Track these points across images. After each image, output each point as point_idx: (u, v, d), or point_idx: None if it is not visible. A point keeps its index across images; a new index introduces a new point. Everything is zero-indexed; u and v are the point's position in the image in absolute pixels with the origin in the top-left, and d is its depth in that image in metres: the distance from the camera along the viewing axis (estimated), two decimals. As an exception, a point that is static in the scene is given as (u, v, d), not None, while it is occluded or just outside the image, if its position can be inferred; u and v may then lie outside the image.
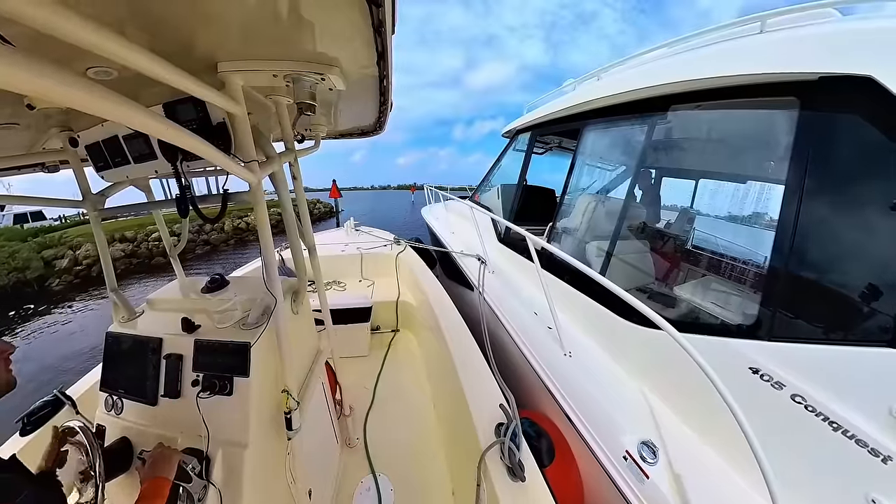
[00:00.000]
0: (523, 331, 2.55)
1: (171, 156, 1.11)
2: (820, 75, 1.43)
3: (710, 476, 1.47)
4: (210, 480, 1.12)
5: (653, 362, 1.91)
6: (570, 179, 3.16)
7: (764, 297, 1.55)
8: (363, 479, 2.03)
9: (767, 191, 1.99)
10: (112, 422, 1.33)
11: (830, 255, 1.44)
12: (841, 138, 1.44)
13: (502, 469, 1.41)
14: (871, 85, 1.26)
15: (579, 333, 2.37)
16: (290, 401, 1.27)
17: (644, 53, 2.74)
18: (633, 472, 1.53)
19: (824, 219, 1.44)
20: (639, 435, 1.63)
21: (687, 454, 1.55)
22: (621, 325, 2.05)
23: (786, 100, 1.58)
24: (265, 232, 1.23)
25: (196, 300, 1.51)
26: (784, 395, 1.33)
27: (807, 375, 1.31)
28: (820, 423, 1.24)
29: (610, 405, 1.84)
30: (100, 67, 0.83)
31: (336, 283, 4.18)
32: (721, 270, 2.08)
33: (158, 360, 1.29)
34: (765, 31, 1.79)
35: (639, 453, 1.55)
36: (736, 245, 2.22)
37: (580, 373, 2.07)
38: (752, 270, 1.81)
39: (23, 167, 1.53)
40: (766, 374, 1.39)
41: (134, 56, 0.60)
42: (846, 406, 1.20)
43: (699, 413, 1.63)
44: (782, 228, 1.51)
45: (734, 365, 1.47)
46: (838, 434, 1.20)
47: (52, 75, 0.45)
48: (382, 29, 0.81)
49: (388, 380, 2.98)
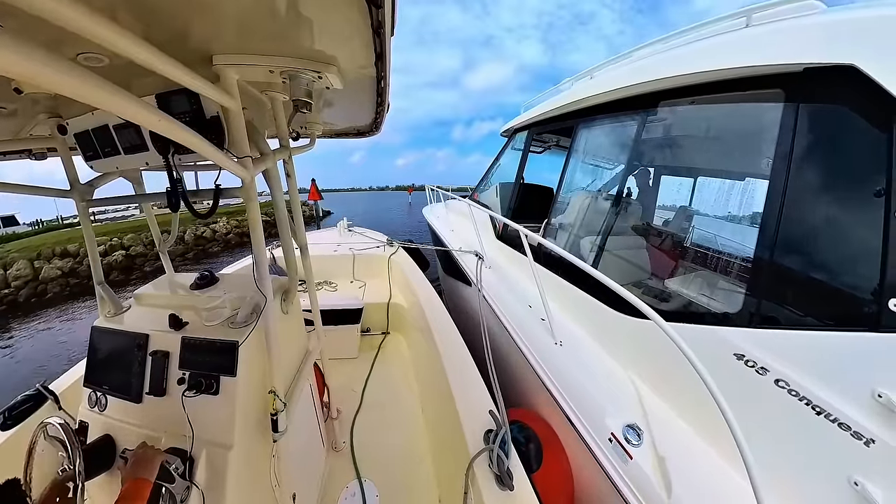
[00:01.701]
0: (517, 322, 2.59)
1: (162, 148, 1.08)
2: (804, 66, 1.46)
3: (692, 457, 1.50)
4: (193, 481, 1.10)
5: (642, 351, 1.94)
6: (564, 177, 3.22)
7: (749, 285, 1.59)
8: (349, 485, 2.00)
9: (754, 183, 2.02)
10: (95, 418, 1.30)
11: (814, 243, 1.47)
12: (826, 128, 1.46)
13: (490, 477, 1.40)
14: (855, 74, 1.29)
15: (571, 324, 2.42)
16: (276, 402, 1.25)
17: (635, 51, 2.77)
18: (618, 454, 1.57)
19: (808, 208, 1.47)
20: (625, 419, 1.67)
21: (671, 437, 1.58)
22: (612, 316, 2.09)
23: (771, 92, 1.61)
24: (257, 229, 1.22)
25: (184, 296, 1.48)
26: (768, 380, 1.36)
27: (790, 361, 1.34)
28: (803, 408, 1.26)
29: (598, 392, 1.87)
30: (91, 54, 0.80)
31: (327, 284, 4.15)
32: (709, 262, 2.12)
33: (144, 357, 1.27)
34: (751, 24, 1.81)
35: (623, 435, 1.59)
36: (723, 237, 2.26)
37: (570, 361, 2.11)
38: (738, 261, 1.84)
39: (8, 153, 1.50)
40: (751, 360, 1.42)
41: (126, 43, 0.58)
42: (829, 390, 1.22)
43: (685, 398, 1.67)
44: (767, 218, 1.54)
45: (720, 352, 1.51)
46: (821, 418, 1.22)
47: (41, 59, 0.43)
48: (382, 30, 0.80)
49: (376, 383, 2.96)
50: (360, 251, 4.56)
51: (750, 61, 1.66)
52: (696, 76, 1.91)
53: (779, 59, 1.55)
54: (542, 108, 3.83)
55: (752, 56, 1.66)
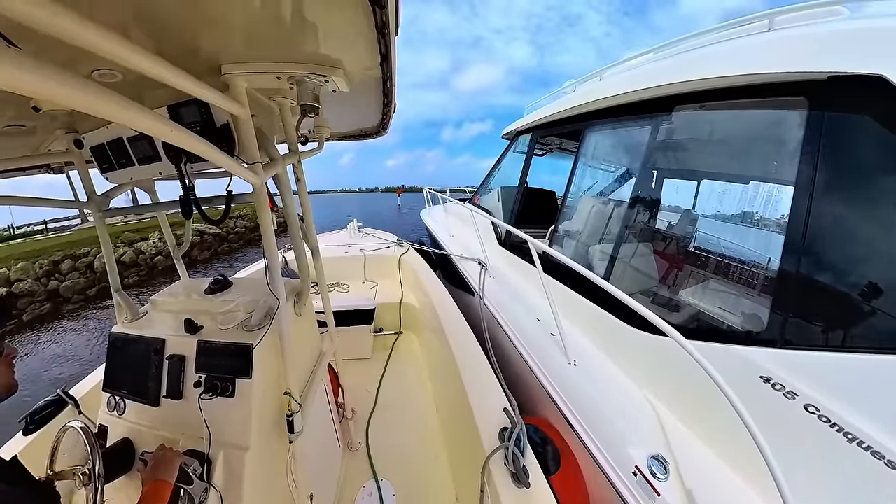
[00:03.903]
0: (526, 338, 2.49)
1: (175, 157, 1.11)
2: (830, 75, 1.41)
3: (723, 492, 1.42)
4: (211, 483, 1.12)
5: (661, 371, 1.84)
6: (571, 182, 3.11)
7: (775, 302, 1.50)
8: (365, 484, 2.02)
9: (776, 192, 1.94)
10: (114, 422, 1.33)
11: (842, 257, 1.41)
12: (852, 139, 1.41)
13: (506, 475, 1.40)
14: (883, 84, 1.24)
15: (584, 341, 2.30)
16: (292, 403, 1.27)
17: (647, 53, 2.70)
18: (644, 489, 1.47)
19: (835, 221, 1.41)
20: (648, 449, 1.57)
21: (699, 469, 1.49)
22: (628, 332, 1.99)
23: (794, 100, 1.56)
24: (269, 234, 1.24)
25: (199, 301, 1.51)
26: (797, 406, 1.28)
27: (820, 384, 1.26)
28: (835, 435, 1.19)
29: (618, 417, 1.77)
30: (105, 70, 0.83)
31: (339, 285, 4.18)
32: (730, 274, 2.02)
33: (161, 361, 1.30)
34: (773, 29, 1.75)
35: (649, 468, 1.48)
36: (744, 248, 2.17)
37: (586, 383, 2.00)
38: (761, 274, 1.76)
39: (28, 168, 1.54)
40: (779, 384, 1.35)
41: (138, 59, 0.60)
42: (862, 416, 1.15)
43: (710, 424, 1.58)
44: (792, 231, 1.47)
45: (745, 373, 1.43)
46: (853, 445, 1.15)
47: (57, 78, 0.45)
48: (386, 31, 0.81)
49: (390, 383, 2.97)
50: (371, 252, 4.58)
51: (772, 67, 1.59)
52: (716, 81, 1.84)
53: (803, 66, 1.49)
54: (547, 110, 3.75)
55: (775, 62, 1.60)
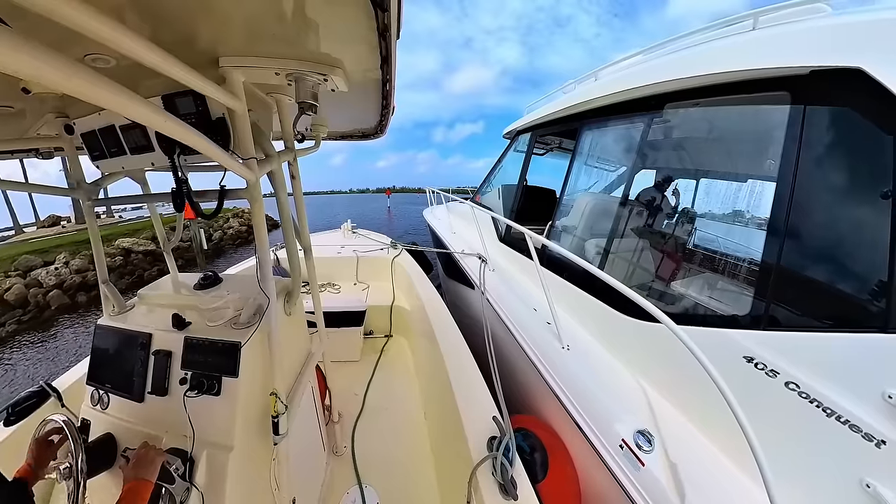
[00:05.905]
0: (523, 326, 2.56)
1: (168, 149, 1.09)
2: (811, 69, 1.46)
3: (705, 463, 1.48)
4: (193, 483, 1.10)
5: (650, 355, 1.93)
6: (568, 179, 3.21)
7: (758, 287, 1.58)
8: (349, 490, 1.99)
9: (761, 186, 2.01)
10: (97, 416, 1.30)
11: (821, 245, 1.47)
12: (832, 130, 1.47)
13: (494, 485, 1.38)
14: (862, 77, 1.29)
15: (578, 328, 2.40)
16: (278, 404, 1.24)
17: (640, 53, 2.77)
18: (629, 460, 1.54)
19: (816, 210, 1.47)
20: (635, 424, 1.64)
21: (683, 442, 1.56)
22: (619, 320, 2.08)
23: (777, 95, 1.61)
24: (261, 231, 1.22)
25: (188, 296, 1.48)
26: (778, 383, 1.35)
27: (800, 363, 1.33)
28: (814, 410, 1.25)
29: (607, 396, 1.85)
30: (98, 55, 0.81)
31: (331, 285, 4.15)
32: (717, 265, 2.11)
33: (147, 356, 1.27)
34: (757, 27, 1.81)
35: (634, 441, 1.56)
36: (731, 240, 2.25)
37: (578, 365, 2.08)
38: (746, 263, 1.84)
39: (16, 152, 1.51)
40: (761, 363, 1.41)
41: (133, 45, 0.58)
42: (840, 392, 1.22)
43: (696, 403, 1.65)
44: (775, 221, 1.55)
45: (729, 354, 1.50)
46: (832, 420, 1.21)
47: (49, 60, 0.43)
48: (388, 33, 0.80)
49: (378, 387, 2.94)
50: (364, 253, 4.55)
51: (756, 64, 1.66)
52: (703, 78, 1.91)
53: (785, 61, 1.55)
54: (545, 109, 3.83)
55: (759, 59, 1.66)
